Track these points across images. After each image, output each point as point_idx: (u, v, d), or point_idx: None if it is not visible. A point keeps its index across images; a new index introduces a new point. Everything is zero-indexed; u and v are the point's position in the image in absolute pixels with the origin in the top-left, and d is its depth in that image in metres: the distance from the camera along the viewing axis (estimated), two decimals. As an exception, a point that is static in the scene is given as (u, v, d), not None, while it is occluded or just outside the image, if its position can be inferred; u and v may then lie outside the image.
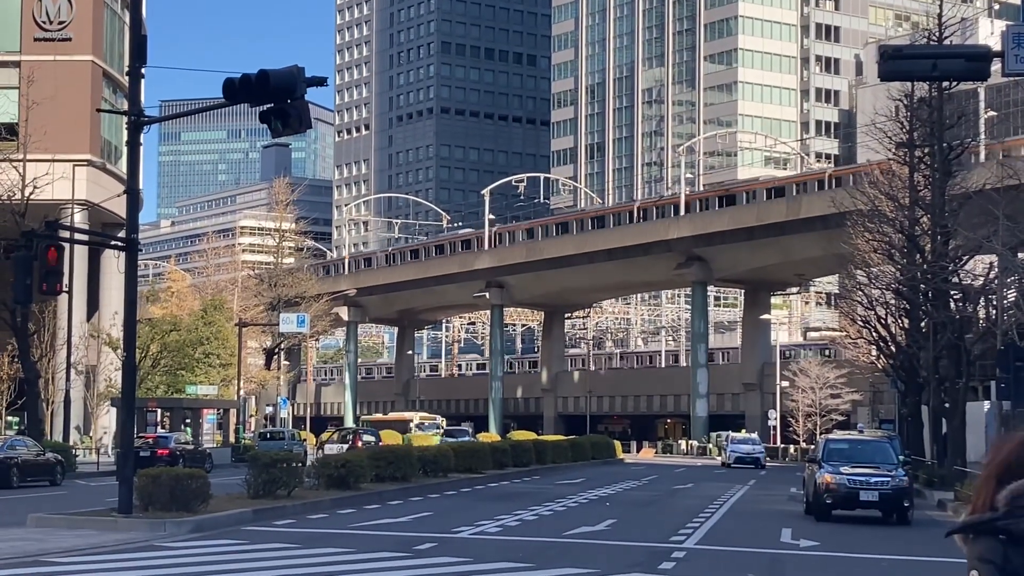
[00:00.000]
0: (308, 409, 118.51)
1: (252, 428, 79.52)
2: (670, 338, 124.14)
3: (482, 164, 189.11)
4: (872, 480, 26.60)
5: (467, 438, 64.31)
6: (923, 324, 44.52)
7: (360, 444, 64.43)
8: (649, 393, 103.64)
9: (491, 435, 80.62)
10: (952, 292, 42.06)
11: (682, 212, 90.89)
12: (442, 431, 78.56)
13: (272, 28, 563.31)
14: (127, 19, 52.98)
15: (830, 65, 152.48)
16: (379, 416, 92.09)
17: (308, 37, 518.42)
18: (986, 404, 53.48)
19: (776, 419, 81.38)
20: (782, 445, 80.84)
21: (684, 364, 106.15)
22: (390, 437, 71.42)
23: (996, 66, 20.79)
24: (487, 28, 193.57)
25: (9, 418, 55.01)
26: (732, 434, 73.46)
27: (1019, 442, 3.35)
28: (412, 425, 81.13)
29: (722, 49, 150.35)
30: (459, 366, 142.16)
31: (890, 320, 49.49)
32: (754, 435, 73.33)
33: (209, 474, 27.77)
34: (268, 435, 61.61)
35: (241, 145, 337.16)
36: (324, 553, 17.85)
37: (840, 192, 63.22)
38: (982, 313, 43.62)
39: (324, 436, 71.16)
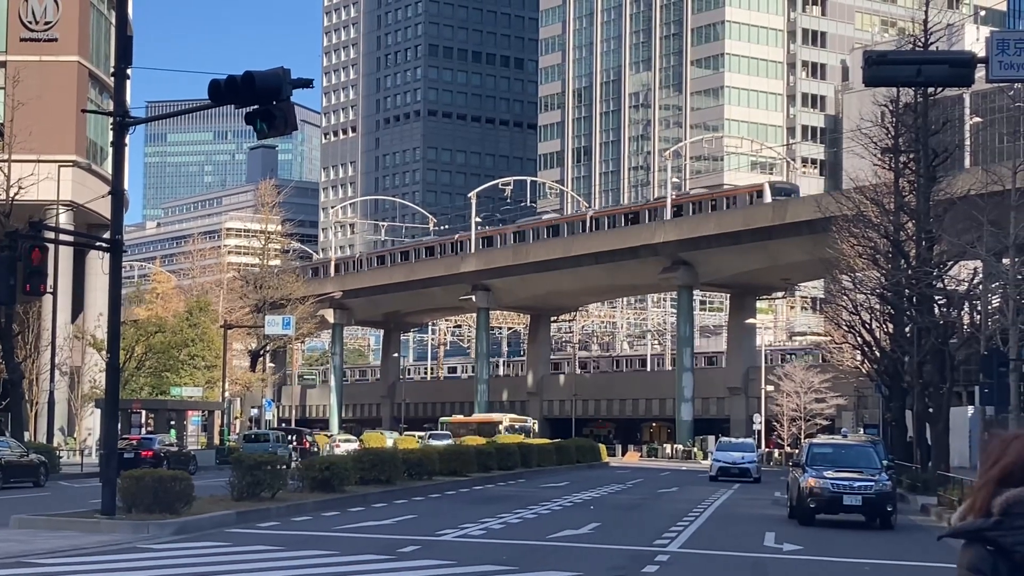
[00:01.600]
0: (293, 411, 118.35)
1: (237, 430, 79.35)
2: (656, 342, 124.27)
3: (469, 167, 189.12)
4: (856, 484, 26.65)
5: (449, 440, 63.48)
6: (907, 329, 44.63)
7: (307, 444, 64.12)
8: (634, 397, 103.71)
9: (476, 438, 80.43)
10: (936, 297, 42.16)
11: (667, 216, 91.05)
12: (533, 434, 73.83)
13: (259, 30, 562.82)
14: (113, 20, 52.87)
15: (816, 70, 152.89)
16: (461, 418, 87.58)
17: (295, 39, 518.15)
18: (970, 409, 53.67)
19: (761, 423, 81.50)
20: (767, 449, 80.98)
21: (669, 368, 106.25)
22: (374, 440, 71.22)
23: (981, 72, 20.89)
24: (474, 31, 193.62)
25: (-8, 419, 54.78)
26: (723, 439, 63.56)
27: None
28: (501, 428, 77.56)
29: (709, 54, 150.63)
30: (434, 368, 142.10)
31: (875, 325, 49.59)
32: (748, 440, 62.52)
33: (193, 476, 27.72)
34: (252, 437, 61.41)
35: (227, 147, 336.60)
36: (308, 555, 17.83)
37: (826, 197, 63.37)
38: (966, 318, 43.72)
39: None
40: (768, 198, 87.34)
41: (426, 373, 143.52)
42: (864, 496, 26.57)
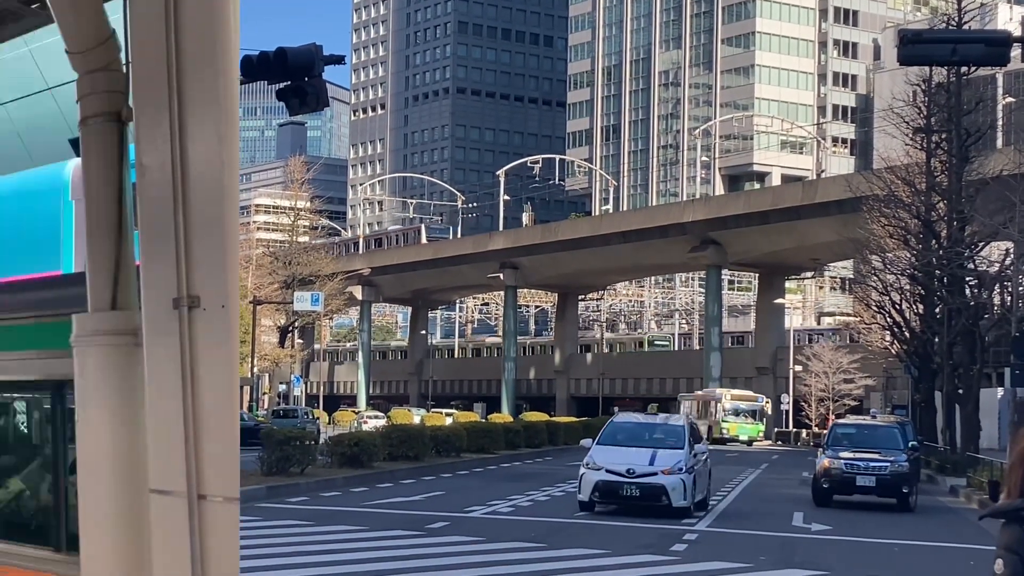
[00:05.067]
0: (321, 387, 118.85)
1: (265, 406, 79.79)
2: (684, 321, 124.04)
3: (498, 145, 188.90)
4: (870, 465, 26.51)
5: (383, 420, 60.73)
6: (938, 310, 44.46)
7: None
8: (662, 376, 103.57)
9: (504, 416, 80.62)
10: (967, 278, 41.97)
11: (690, 197, 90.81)
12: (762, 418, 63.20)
13: (288, 5, 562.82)
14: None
15: (848, 49, 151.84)
16: (699, 395, 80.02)
17: (325, 15, 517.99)
18: (999, 391, 53.42)
19: (789, 403, 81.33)
20: (794, 430, 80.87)
21: (698, 347, 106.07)
22: (401, 417, 71.47)
23: (1015, 52, 20.71)
24: (504, 8, 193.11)
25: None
26: (617, 417, 28.84)
27: None
28: (720, 408, 67.40)
29: (739, 32, 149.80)
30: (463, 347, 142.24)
31: (905, 306, 49.40)
32: (671, 419, 28.28)
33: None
34: (281, 412, 61.80)
35: (256, 123, 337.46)
36: (337, 530, 17.94)
37: (856, 177, 63.05)
38: (997, 299, 43.52)
39: None
40: (424, 239, 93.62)
41: (454, 351, 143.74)
42: (878, 477, 26.42)
